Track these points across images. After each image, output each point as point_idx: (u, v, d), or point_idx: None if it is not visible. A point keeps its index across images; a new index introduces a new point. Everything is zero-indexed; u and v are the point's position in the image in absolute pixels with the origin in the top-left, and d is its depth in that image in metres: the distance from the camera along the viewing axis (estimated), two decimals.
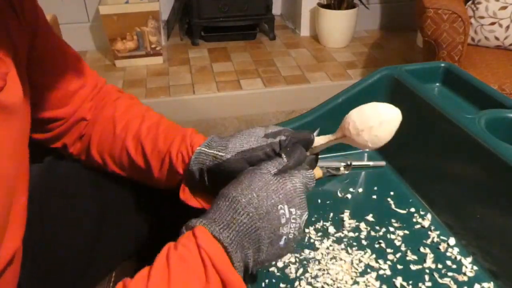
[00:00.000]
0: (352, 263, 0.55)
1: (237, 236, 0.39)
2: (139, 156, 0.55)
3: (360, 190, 0.69)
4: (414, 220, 0.62)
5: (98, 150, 0.58)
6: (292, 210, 0.41)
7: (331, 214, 0.63)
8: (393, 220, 0.62)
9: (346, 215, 0.63)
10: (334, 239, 0.59)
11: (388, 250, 0.57)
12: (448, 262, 0.55)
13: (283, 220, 0.41)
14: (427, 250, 0.57)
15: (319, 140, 0.50)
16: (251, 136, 0.49)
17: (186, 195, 0.53)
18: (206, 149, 0.50)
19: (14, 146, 0.40)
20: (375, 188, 0.68)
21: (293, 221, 0.41)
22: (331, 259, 0.56)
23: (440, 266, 0.55)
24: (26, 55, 0.47)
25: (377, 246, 0.58)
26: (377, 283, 0.52)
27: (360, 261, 0.55)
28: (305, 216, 0.43)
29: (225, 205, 0.41)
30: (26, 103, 0.45)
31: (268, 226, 0.40)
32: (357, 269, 0.54)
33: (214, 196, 0.52)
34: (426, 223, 0.61)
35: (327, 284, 0.52)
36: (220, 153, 0.49)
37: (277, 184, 0.42)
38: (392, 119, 0.47)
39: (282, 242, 0.41)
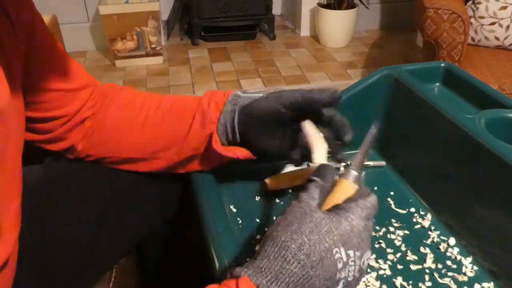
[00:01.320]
0: None
1: (287, 286, 0.35)
2: (166, 124, 0.55)
3: None
4: (414, 220, 0.62)
5: (114, 136, 0.58)
6: (350, 252, 0.37)
7: None
8: (393, 220, 0.62)
9: None
10: None
11: (388, 250, 0.57)
12: (448, 262, 0.55)
13: (339, 265, 0.36)
14: (427, 250, 0.57)
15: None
16: (282, 90, 0.51)
17: (219, 146, 0.52)
18: (241, 93, 0.52)
19: None
20: (375, 188, 0.68)
21: (351, 263, 0.37)
22: None
23: (440, 266, 0.55)
24: (21, 60, 0.47)
25: (377, 246, 0.58)
26: (377, 283, 0.52)
27: None
28: (366, 256, 0.38)
29: (273, 251, 0.36)
30: (17, 106, 0.45)
31: (323, 274, 0.36)
32: None
33: (243, 145, 0.53)
34: (426, 223, 0.61)
35: None
36: (254, 94, 0.51)
37: (330, 224, 0.37)
38: None
39: (340, 287, 0.37)
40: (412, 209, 0.64)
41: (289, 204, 0.40)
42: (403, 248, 0.57)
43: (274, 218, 0.60)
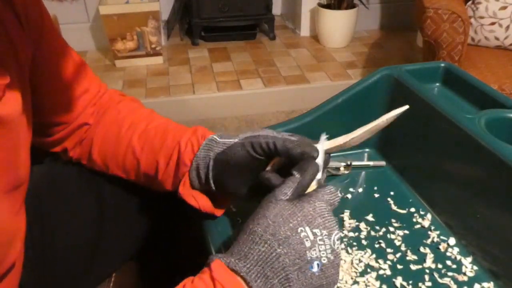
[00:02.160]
0: (352, 263, 0.55)
1: (256, 266, 0.37)
2: (145, 154, 0.54)
3: (360, 190, 0.69)
4: (414, 220, 0.62)
5: (100, 153, 0.57)
6: (316, 231, 0.38)
7: None
8: (393, 220, 0.62)
9: (346, 215, 0.63)
10: None
11: (388, 250, 0.57)
12: (448, 262, 0.55)
13: (307, 243, 0.38)
14: (427, 250, 0.57)
15: (331, 143, 0.47)
16: (260, 131, 0.50)
17: (185, 190, 0.52)
18: (217, 138, 0.51)
19: (8, 157, 0.40)
20: (375, 188, 0.68)
21: (320, 242, 0.38)
22: None
23: (440, 266, 0.55)
24: (29, 63, 0.47)
25: (377, 246, 0.58)
26: (377, 283, 0.52)
27: (360, 261, 0.55)
28: (335, 236, 0.39)
29: (243, 238, 0.39)
30: (26, 114, 0.45)
31: (291, 252, 0.37)
32: (357, 269, 0.54)
33: (214, 195, 0.52)
34: (426, 223, 0.61)
35: None
36: (229, 140, 0.50)
37: (293, 208, 0.39)
38: None
39: (315, 269, 0.38)
40: (412, 209, 0.64)
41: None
42: (403, 248, 0.57)
43: None
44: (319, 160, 0.46)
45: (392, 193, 0.67)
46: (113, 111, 0.59)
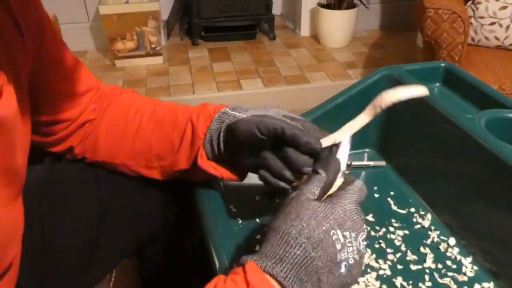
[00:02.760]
0: None
1: (292, 270, 0.37)
2: (157, 135, 0.55)
3: None
4: (414, 220, 0.62)
5: (106, 143, 0.58)
6: (346, 233, 0.39)
7: None
8: (393, 220, 0.62)
9: None
10: None
11: (388, 250, 0.57)
12: (448, 262, 0.55)
13: (338, 246, 0.39)
14: (427, 250, 0.57)
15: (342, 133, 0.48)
16: (270, 110, 0.51)
17: (203, 162, 0.53)
18: (229, 110, 0.52)
19: (3, 159, 0.40)
20: (375, 188, 0.68)
21: (349, 244, 0.39)
22: None
23: (440, 266, 0.55)
24: (29, 67, 0.47)
25: (377, 246, 0.58)
26: (377, 283, 0.52)
27: None
28: (361, 237, 0.40)
29: (276, 239, 0.39)
30: (23, 116, 0.45)
31: (324, 255, 0.38)
32: None
33: (230, 165, 0.53)
34: (426, 223, 0.61)
35: None
36: (240, 114, 0.51)
37: (326, 210, 0.40)
38: None
39: (342, 270, 0.39)
40: (412, 209, 0.64)
41: (288, 195, 0.43)
42: (403, 248, 0.57)
43: None
44: (342, 153, 0.47)
45: (392, 193, 0.67)
46: (116, 103, 0.60)
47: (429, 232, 0.60)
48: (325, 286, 0.38)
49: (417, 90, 0.47)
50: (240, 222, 0.59)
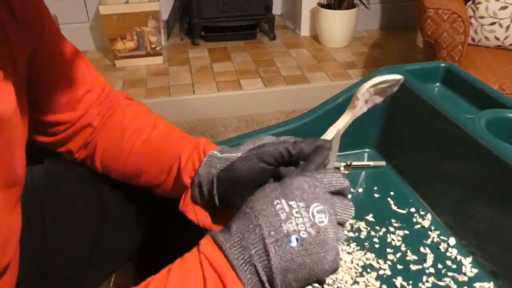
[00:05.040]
0: (352, 263, 0.55)
1: (233, 236, 0.38)
2: (146, 164, 0.54)
3: (360, 190, 0.69)
4: (414, 220, 0.62)
5: (103, 158, 0.57)
6: (292, 203, 0.38)
7: None
8: (393, 220, 0.62)
9: None
10: None
11: (388, 250, 0.57)
12: (448, 262, 0.55)
13: (283, 216, 0.37)
14: (427, 250, 0.57)
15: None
16: (263, 139, 0.49)
17: (185, 206, 0.52)
18: (218, 153, 0.50)
19: (2, 156, 0.40)
20: (375, 188, 0.68)
21: (296, 215, 0.37)
22: None
23: (440, 266, 0.55)
24: (27, 62, 0.47)
25: (377, 246, 0.58)
26: (377, 283, 0.52)
27: (360, 261, 0.55)
28: (314, 208, 0.38)
29: (231, 216, 0.41)
30: (22, 113, 0.44)
31: (267, 224, 0.37)
32: (357, 269, 0.54)
33: (216, 214, 0.52)
34: (426, 223, 0.61)
35: (327, 284, 0.52)
36: (232, 154, 0.49)
37: (275, 185, 0.40)
38: None
39: (293, 243, 0.36)
40: (412, 209, 0.64)
41: None
42: (403, 248, 0.57)
43: None
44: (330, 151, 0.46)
45: (392, 193, 0.67)
46: (118, 115, 0.58)
47: (429, 232, 0.60)
48: (275, 258, 0.37)
49: (390, 76, 0.48)
50: None
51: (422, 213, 0.63)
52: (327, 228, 0.38)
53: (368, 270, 0.54)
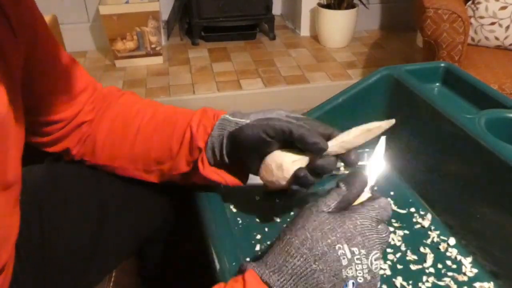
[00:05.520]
0: None
1: (290, 280, 0.36)
2: (156, 139, 0.55)
3: None
4: (414, 220, 0.62)
5: (106, 146, 0.58)
6: (354, 249, 0.37)
7: None
8: (393, 220, 0.62)
9: None
10: None
11: (388, 250, 0.57)
12: (448, 262, 0.55)
13: (344, 262, 0.37)
14: (427, 250, 0.57)
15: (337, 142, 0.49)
16: (273, 112, 0.51)
17: (206, 170, 0.53)
18: (229, 117, 0.52)
19: None
20: (375, 188, 0.68)
21: (357, 261, 0.37)
22: None
23: (440, 266, 0.55)
24: (21, 64, 0.47)
25: None
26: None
27: None
28: (373, 255, 0.38)
29: (278, 248, 0.38)
30: (15, 115, 0.44)
31: (327, 269, 0.36)
32: None
33: (232, 170, 0.53)
34: (426, 223, 0.61)
35: None
36: (241, 120, 0.51)
37: (334, 223, 0.38)
38: None
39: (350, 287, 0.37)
40: (412, 209, 0.64)
41: (304, 207, 0.42)
42: (403, 248, 0.57)
43: (274, 218, 0.60)
44: (372, 169, 0.47)
45: (392, 193, 0.67)
46: (116, 105, 0.59)
47: (429, 232, 0.60)
48: None
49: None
50: (240, 222, 0.59)
51: (422, 213, 0.63)
52: (378, 271, 0.39)
53: None
